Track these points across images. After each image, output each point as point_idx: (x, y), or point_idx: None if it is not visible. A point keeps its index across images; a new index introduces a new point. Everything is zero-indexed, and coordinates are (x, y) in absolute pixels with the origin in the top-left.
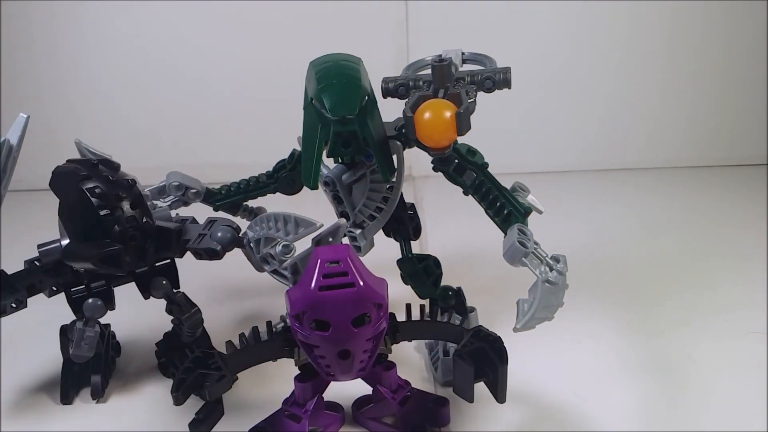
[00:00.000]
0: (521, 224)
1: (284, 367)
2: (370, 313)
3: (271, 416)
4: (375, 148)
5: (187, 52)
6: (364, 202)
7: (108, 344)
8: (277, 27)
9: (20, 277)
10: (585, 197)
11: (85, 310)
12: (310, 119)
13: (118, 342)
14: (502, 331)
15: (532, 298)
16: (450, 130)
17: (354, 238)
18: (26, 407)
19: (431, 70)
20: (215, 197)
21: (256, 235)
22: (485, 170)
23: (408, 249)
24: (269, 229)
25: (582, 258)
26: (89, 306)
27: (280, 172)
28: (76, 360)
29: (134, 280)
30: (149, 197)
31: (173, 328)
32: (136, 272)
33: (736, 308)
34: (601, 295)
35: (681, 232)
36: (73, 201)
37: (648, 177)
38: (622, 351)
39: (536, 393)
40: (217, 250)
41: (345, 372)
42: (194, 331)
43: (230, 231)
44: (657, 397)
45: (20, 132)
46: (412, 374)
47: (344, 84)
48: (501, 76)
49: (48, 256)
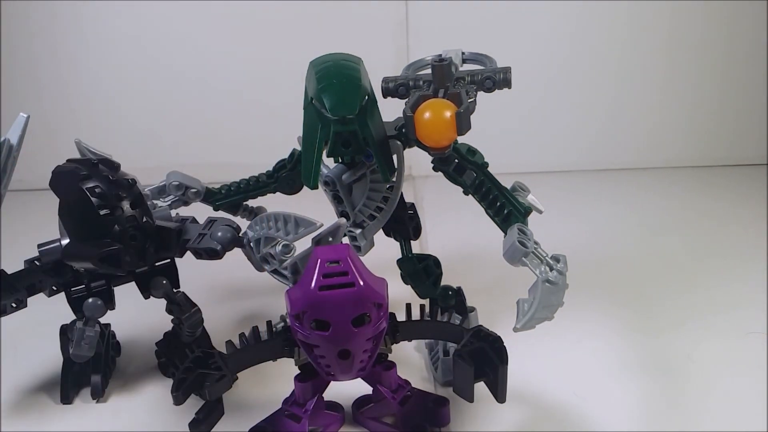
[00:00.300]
0: (521, 224)
1: (284, 367)
2: (370, 313)
3: (271, 416)
4: (375, 148)
5: (187, 52)
6: (364, 202)
7: (108, 344)
8: (277, 27)
9: (20, 277)
10: (585, 197)
11: (85, 309)
12: (310, 119)
13: (118, 342)
14: (502, 331)
15: (532, 298)
16: (450, 130)
17: (354, 238)
18: (26, 407)
19: (431, 70)
20: (215, 197)
21: (256, 235)
22: (485, 170)
23: (408, 249)
24: (269, 228)
25: (582, 258)
26: (89, 306)
27: (280, 171)
28: (76, 360)
29: (134, 280)
30: (149, 197)
31: (173, 327)
32: (136, 272)
33: (736, 308)
34: (601, 295)
35: (681, 232)
36: (73, 201)
37: (648, 177)
38: (622, 351)
39: (536, 393)
40: (217, 250)
41: (345, 372)
42: (194, 330)
43: (230, 231)
44: (657, 397)
45: (20, 132)
46: (412, 374)
47: (344, 84)
48: (501, 76)
49: (48, 255)
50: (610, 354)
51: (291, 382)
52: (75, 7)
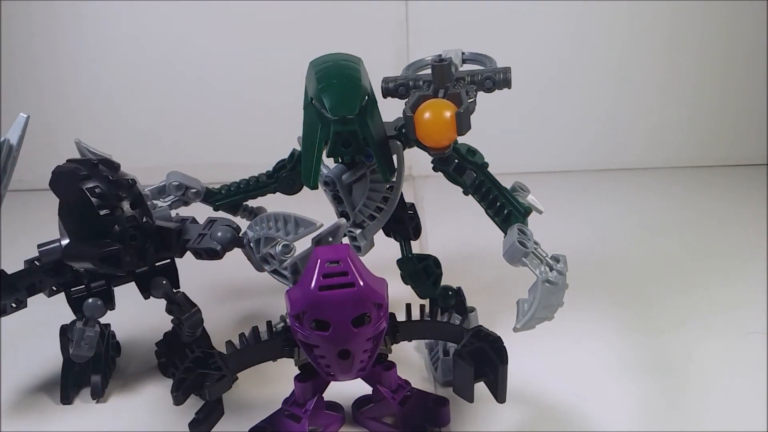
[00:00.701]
0: (521, 224)
1: (284, 367)
2: (370, 313)
3: (271, 416)
4: (375, 148)
5: (187, 52)
6: (364, 202)
7: (108, 344)
8: (277, 27)
9: (20, 277)
10: (585, 197)
11: (85, 309)
12: (310, 119)
13: (118, 342)
14: (502, 331)
15: (532, 298)
16: (450, 130)
17: (354, 238)
18: (26, 407)
19: (431, 70)
20: (215, 197)
21: (256, 235)
22: (485, 170)
23: (408, 249)
24: (269, 229)
25: (582, 258)
26: (89, 306)
27: (280, 172)
28: (76, 360)
29: (134, 280)
30: (149, 197)
31: (173, 327)
32: (136, 272)
33: (736, 308)
34: (601, 295)
35: (681, 232)
36: (73, 201)
37: (648, 177)
38: (622, 351)
39: (536, 393)
40: (217, 250)
41: (345, 372)
42: (194, 330)
43: (230, 231)
44: (657, 397)
45: (20, 132)
46: (412, 374)
47: (344, 84)
48: (501, 76)
49: (48, 255)
50: (610, 354)
51: (291, 382)
52: (75, 7)
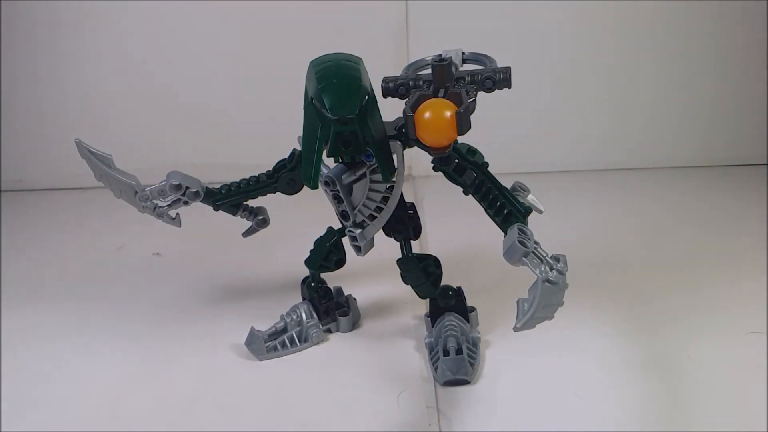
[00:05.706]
0: (521, 224)
1: None
2: None
3: None
4: (375, 148)
5: (188, 52)
6: (364, 202)
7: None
8: (277, 27)
9: None
10: (585, 197)
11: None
12: (310, 119)
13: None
14: (502, 331)
15: (532, 298)
16: (450, 130)
17: (354, 238)
18: (26, 404)
19: (431, 70)
20: (215, 197)
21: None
22: (485, 170)
23: (408, 249)
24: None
25: (582, 258)
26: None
27: (281, 172)
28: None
29: None
30: (149, 197)
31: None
32: None
33: (736, 308)
34: (601, 295)
35: (680, 232)
36: None
37: (648, 177)
38: (622, 351)
39: (536, 393)
40: None
41: None
42: None
43: None
44: (657, 396)
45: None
46: (412, 374)
47: (344, 84)
48: (501, 76)
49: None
50: (610, 353)
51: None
52: (75, 7)
